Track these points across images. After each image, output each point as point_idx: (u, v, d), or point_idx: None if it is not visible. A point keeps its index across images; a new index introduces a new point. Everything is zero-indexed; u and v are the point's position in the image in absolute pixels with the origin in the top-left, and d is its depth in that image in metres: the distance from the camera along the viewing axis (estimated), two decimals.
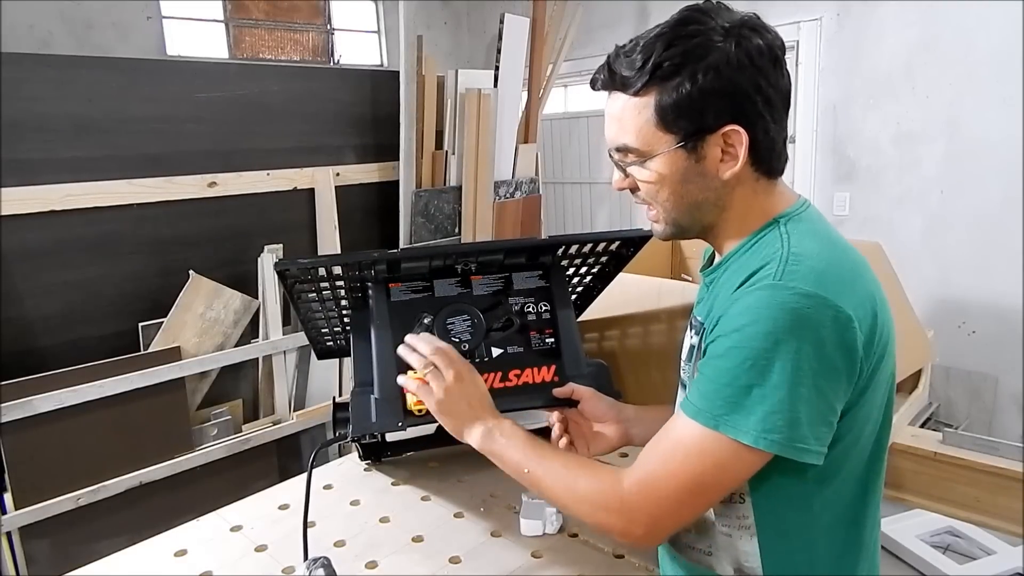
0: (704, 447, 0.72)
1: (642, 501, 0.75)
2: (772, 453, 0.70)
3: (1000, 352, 2.94)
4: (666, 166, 0.78)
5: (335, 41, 4.43)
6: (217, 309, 2.39)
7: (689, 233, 0.84)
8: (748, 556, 0.79)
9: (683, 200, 0.80)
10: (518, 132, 3.20)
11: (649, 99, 0.75)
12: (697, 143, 0.76)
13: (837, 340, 0.69)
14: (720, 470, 0.72)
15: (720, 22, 0.74)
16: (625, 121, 0.78)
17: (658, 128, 0.76)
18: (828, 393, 0.70)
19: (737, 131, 0.74)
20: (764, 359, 0.68)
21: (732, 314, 0.72)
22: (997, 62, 2.78)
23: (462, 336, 1.13)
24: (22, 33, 3.15)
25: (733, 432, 0.70)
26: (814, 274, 0.70)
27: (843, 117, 3.30)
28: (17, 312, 2.10)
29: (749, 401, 0.69)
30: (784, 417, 0.68)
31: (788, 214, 0.79)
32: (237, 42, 3.99)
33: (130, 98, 2.28)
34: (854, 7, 3.17)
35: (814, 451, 0.70)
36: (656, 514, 0.75)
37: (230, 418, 2.45)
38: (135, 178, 2.29)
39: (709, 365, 0.74)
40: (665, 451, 0.76)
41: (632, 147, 0.79)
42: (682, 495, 0.73)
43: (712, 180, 0.78)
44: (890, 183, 3.18)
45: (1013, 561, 1.36)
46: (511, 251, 1.20)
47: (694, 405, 0.74)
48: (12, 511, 1.95)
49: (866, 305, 0.73)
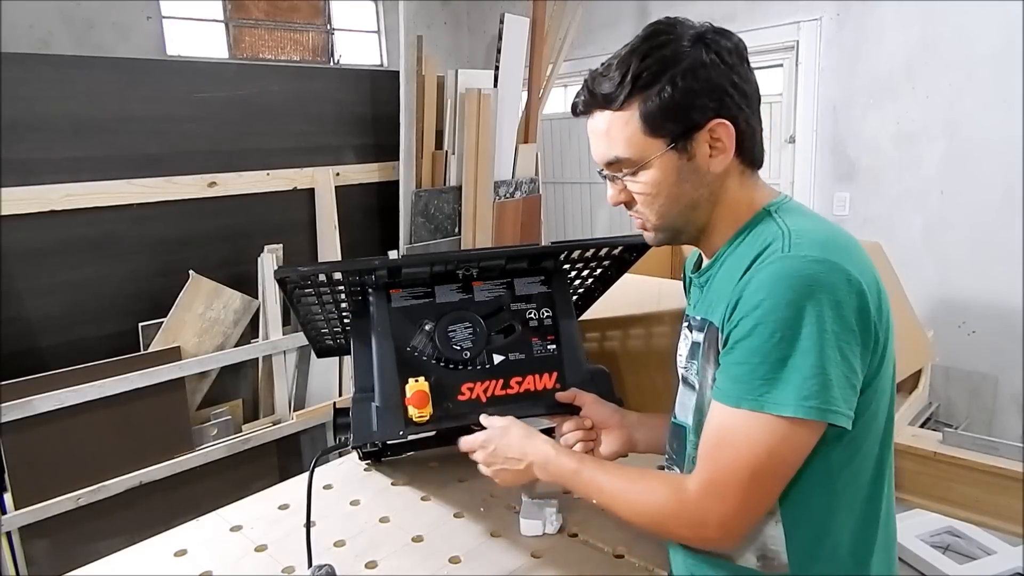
0: (751, 432, 0.72)
1: (709, 504, 0.75)
2: (811, 420, 0.70)
3: (1000, 352, 2.94)
4: (660, 171, 0.80)
5: (335, 41, 4.43)
6: (217, 309, 2.39)
7: (682, 236, 0.86)
8: (773, 540, 0.79)
9: (679, 202, 0.82)
10: (518, 132, 3.20)
11: (633, 110, 0.79)
12: (686, 142, 0.79)
13: (852, 302, 0.71)
14: (774, 451, 0.72)
15: (686, 31, 0.79)
16: (613, 135, 0.81)
17: (646, 135, 0.79)
18: (850, 356, 0.71)
19: (723, 123, 0.78)
20: (790, 328, 0.70)
21: (748, 294, 0.73)
22: (997, 62, 2.78)
23: (463, 343, 1.13)
24: (22, 33, 3.15)
25: (775, 408, 0.70)
26: (819, 244, 0.73)
27: (843, 117, 3.29)
28: (17, 312, 2.10)
29: (785, 373, 0.70)
30: (818, 381, 0.69)
31: (776, 204, 0.83)
32: (237, 42, 3.99)
33: (130, 98, 2.28)
34: (854, 7, 3.17)
35: (844, 414, 0.71)
36: (726, 513, 0.74)
37: (230, 418, 2.45)
38: (135, 178, 2.29)
39: (736, 349, 0.74)
40: (715, 447, 0.75)
41: (624, 157, 0.81)
42: (746, 487, 0.73)
43: (705, 176, 0.81)
44: (890, 183, 3.18)
45: (1013, 561, 1.37)
46: (513, 258, 1.19)
47: (729, 392, 0.74)
48: (12, 511, 1.94)
49: (870, 275, 0.75)
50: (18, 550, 1.98)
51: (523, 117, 3.23)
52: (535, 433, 0.96)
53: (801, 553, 0.78)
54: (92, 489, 2.06)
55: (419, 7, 4.56)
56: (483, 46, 4.87)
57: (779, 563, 0.79)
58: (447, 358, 1.12)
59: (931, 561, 1.79)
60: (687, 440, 0.87)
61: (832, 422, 0.71)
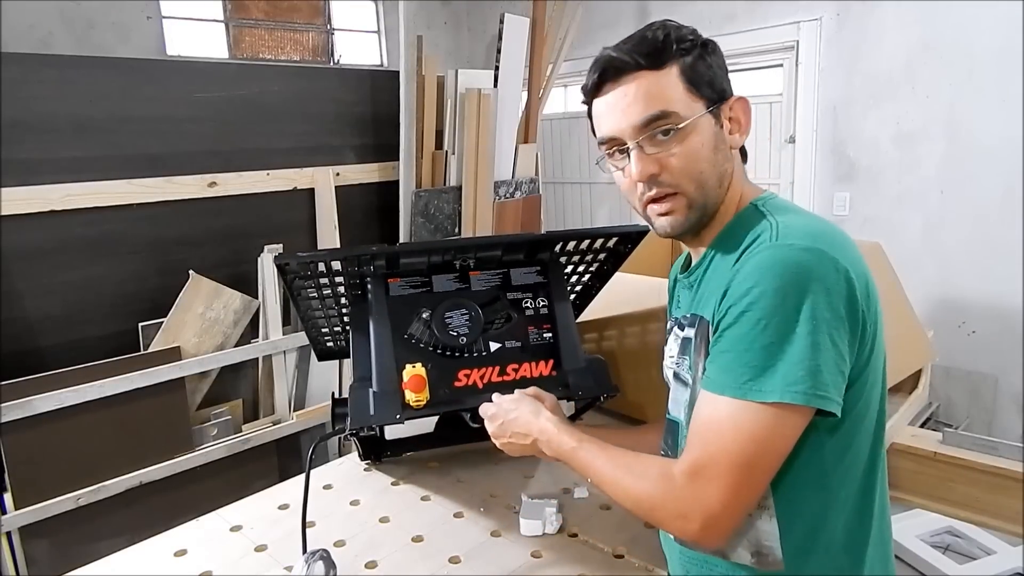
0: (738, 420, 0.71)
1: (694, 491, 0.73)
2: (799, 405, 0.70)
3: (1000, 352, 2.93)
4: (702, 133, 0.80)
5: (335, 41, 4.42)
6: (217, 309, 2.39)
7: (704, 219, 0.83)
8: (768, 536, 0.79)
9: (715, 171, 0.81)
10: (518, 132, 3.20)
11: (673, 69, 0.80)
12: (718, 110, 0.81)
13: (841, 290, 0.71)
14: (761, 439, 0.71)
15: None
16: (656, 93, 0.79)
17: (689, 94, 0.80)
18: (839, 343, 0.71)
19: (743, 99, 0.83)
20: (778, 316, 0.70)
21: (736, 283, 0.74)
22: (997, 62, 2.78)
23: (460, 330, 1.14)
24: (22, 33, 3.15)
25: (761, 395, 0.70)
26: (808, 234, 0.73)
27: (843, 117, 3.29)
28: (17, 312, 2.10)
29: (772, 360, 0.70)
30: (805, 367, 0.69)
31: (763, 199, 0.83)
32: (237, 42, 3.99)
33: (130, 98, 2.28)
34: (854, 7, 3.17)
35: (834, 400, 0.71)
36: (709, 504, 0.72)
37: (230, 418, 2.45)
38: (135, 178, 2.29)
39: (724, 337, 0.74)
40: (702, 435, 0.74)
41: (671, 111, 0.78)
42: (732, 477, 0.71)
43: (729, 151, 0.83)
44: (890, 183, 3.18)
45: (1013, 561, 1.37)
46: (509, 247, 1.21)
47: (717, 380, 0.74)
48: (12, 511, 1.95)
49: (858, 265, 0.75)
50: (18, 550, 1.98)
51: (523, 117, 3.23)
52: (542, 410, 0.97)
53: (795, 548, 0.78)
54: (92, 489, 2.06)
55: (419, 7, 4.56)
56: (483, 46, 4.87)
57: (773, 559, 0.79)
58: (444, 345, 1.13)
59: (931, 561, 1.79)
60: (680, 435, 0.87)
61: (821, 407, 0.70)
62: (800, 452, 0.75)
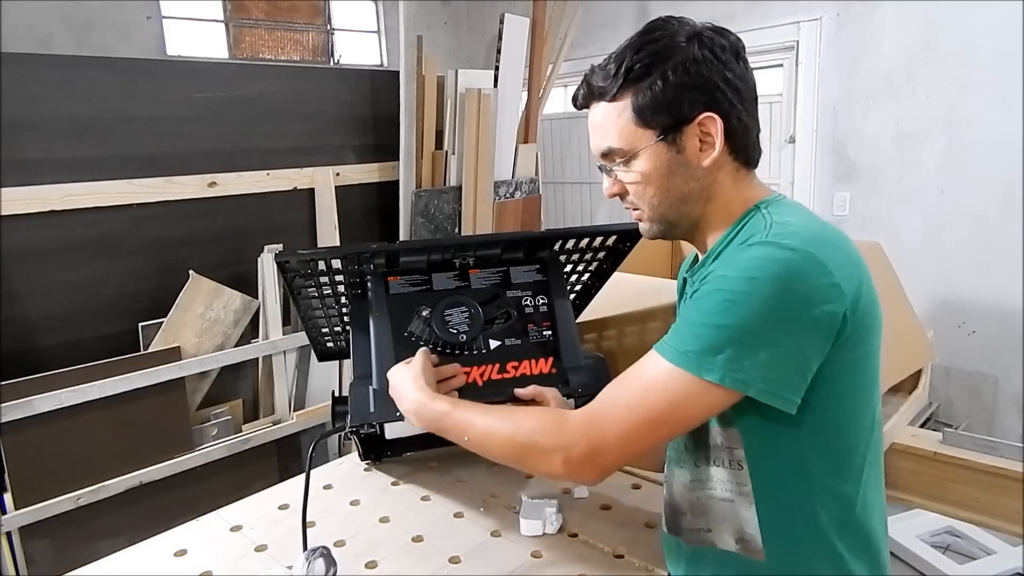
0: (668, 382, 0.73)
1: (582, 430, 0.76)
2: (737, 392, 0.71)
3: (1000, 352, 2.94)
4: (650, 161, 0.82)
5: (335, 41, 4.42)
6: (217, 309, 2.39)
7: (676, 230, 0.87)
8: (749, 523, 0.81)
9: (670, 194, 0.83)
10: (518, 132, 3.20)
11: (626, 102, 0.81)
12: (676, 135, 0.80)
13: (820, 294, 0.71)
14: (679, 406, 0.73)
15: (683, 28, 0.81)
16: (607, 126, 0.83)
17: (637, 126, 0.81)
18: (805, 345, 0.71)
19: (711, 117, 0.79)
20: (741, 301, 0.71)
21: (719, 265, 0.76)
22: (997, 62, 2.78)
23: (460, 327, 1.14)
24: (22, 33, 3.15)
25: (697, 369, 0.71)
26: (800, 236, 0.74)
27: (843, 117, 3.29)
28: (17, 312, 2.10)
29: (720, 341, 0.71)
30: (756, 359, 0.70)
31: (767, 200, 0.83)
32: (237, 42, 3.99)
33: (130, 98, 2.28)
34: (854, 7, 3.17)
35: (784, 398, 0.71)
36: (600, 437, 0.75)
37: (230, 418, 2.45)
38: (135, 178, 2.29)
39: (689, 307, 0.77)
40: (625, 384, 0.78)
41: (616, 147, 0.83)
42: (634, 424, 0.74)
43: (695, 170, 0.82)
44: (890, 183, 3.18)
45: (1013, 561, 1.37)
46: (509, 245, 1.21)
47: (665, 343, 0.76)
48: (12, 511, 1.95)
49: (852, 268, 0.75)
50: (18, 550, 1.98)
51: (523, 117, 3.23)
52: (416, 379, 0.98)
53: (776, 536, 0.80)
54: (92, 489, 2.06)
55: (419, 7, 4.56)
56: (483, 46, 4.87)
57: (755, 546, 0.80)
58: (444, 342, 1.14)
59: (931, 561, 1.79)
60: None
61: (767, 402, 0.71)
62: (777, 443, 0.77)
